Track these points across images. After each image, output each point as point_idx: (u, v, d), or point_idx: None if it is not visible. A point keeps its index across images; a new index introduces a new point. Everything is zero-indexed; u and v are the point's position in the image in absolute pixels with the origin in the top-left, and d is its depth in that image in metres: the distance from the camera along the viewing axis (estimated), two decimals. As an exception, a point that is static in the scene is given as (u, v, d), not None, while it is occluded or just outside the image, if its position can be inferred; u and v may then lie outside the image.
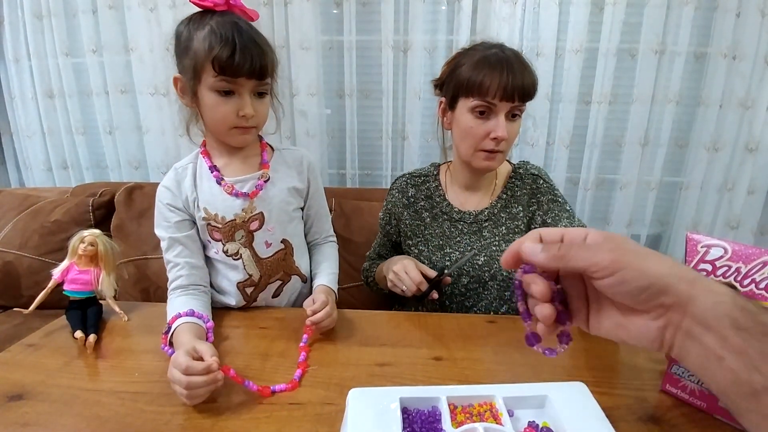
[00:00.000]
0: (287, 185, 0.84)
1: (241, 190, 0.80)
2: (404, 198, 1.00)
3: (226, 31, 0.70)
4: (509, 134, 0.83)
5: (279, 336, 0.74)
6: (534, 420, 0.49)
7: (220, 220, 0.80)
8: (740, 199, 1.63)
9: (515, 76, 0.80)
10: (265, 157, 0.84)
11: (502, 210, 0.93)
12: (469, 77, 0.82)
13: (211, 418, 0.54)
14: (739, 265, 0.50)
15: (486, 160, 0.86)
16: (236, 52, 0.69)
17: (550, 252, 0.36)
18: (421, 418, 0.49)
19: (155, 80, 1.67)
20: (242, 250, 0.81)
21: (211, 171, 0.80)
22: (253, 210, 0.80)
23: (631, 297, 0.33)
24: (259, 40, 0.74)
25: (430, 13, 1.58)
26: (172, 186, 0.81)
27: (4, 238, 1.36)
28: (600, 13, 1.52)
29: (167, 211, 0.80)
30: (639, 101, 1.58)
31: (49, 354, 0.68)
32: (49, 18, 1.67)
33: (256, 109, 0.75)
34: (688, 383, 0.55)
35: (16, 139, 1.86)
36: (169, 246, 0.80)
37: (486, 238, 0.92)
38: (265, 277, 0.84)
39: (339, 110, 1.71)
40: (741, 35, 1.49)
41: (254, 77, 0.73)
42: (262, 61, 0.72)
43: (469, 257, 0.88)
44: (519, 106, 0.83)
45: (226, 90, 0.73)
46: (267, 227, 0.82)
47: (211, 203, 0.79)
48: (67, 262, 0.75)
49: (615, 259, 0.33)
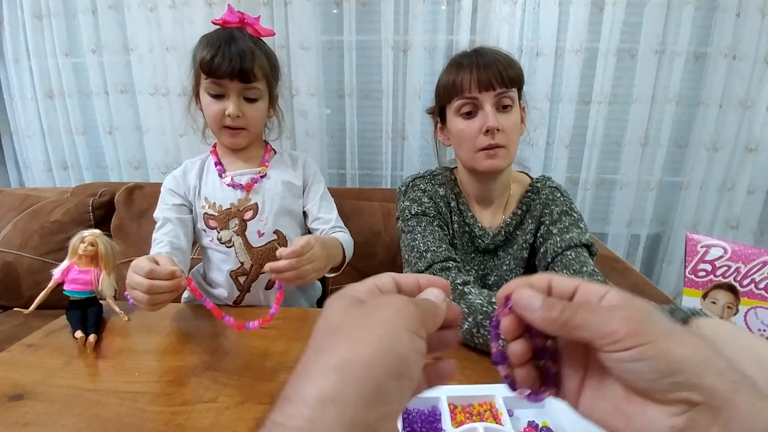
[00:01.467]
0: (282, 179, 0.91)
1: (239, 182, 0.87)
2: (437, 196, 0.88)
3: (217, 38, 0.79)
4: (504, 125, 0.77)
5: (279, 336, 0.74)
6: (534, 420, 0.50)
7: (218, 208, 0.86)
8: (740, 198, 1.63)
9: (488, 64, 0.76)
10: (266, 158, 0.93)
11: (516, 228, 0.87)
12: (445, 82, 0.81)
13: (211, 418, 0.54)
14: (739, 265, 0.50)
15: (488, 159, 0.79)
16: (218, 55, 0.77)
17: (551, 312, 0.27)
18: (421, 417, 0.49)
19: (155, 80, 1.67)
20: (234, 238, 0.87)
21: (216, 166, 0.90)
22: (248, 201, 0.87)
23: (648, 381, 0.24)
24: (250, 47, 0.80)
25: (430, 13, 1.58)
26: (178, 175, 0.90)
27: (4, 238, 1.36)
28: (600, 13, 1.52)
29: (168, 195, 0.88)
30: (639, 101, 1.58)
31: (49, 354, 0.68)
32: (49, 18, 1.67)
33: (244, 112, 0.83)
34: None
35: (16, 139, 1.86)
36: (160, 225, 0.86)
37: (499, 258, 0.88)
38: (256, 266, 0.88)
39: (339, 110, 1.71)
40: (741, 35, 1.50)
41: (238, 79, 0.79)
42: (244, 64, 0.79)
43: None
44: (504, 93, 0.77)
45: (216, 93, 0.82)
46: (260, 217, 0.87)
47: (212, 194, 0.87)
48: (67, 262, 0.75)
49: (633, 330, 0.25)
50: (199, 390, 0.59)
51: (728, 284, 0.51)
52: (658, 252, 1.82)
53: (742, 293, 0.50)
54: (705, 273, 0.53)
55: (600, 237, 1.70)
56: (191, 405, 0.56)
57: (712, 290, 0.52)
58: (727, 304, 0.51)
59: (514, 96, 0.79)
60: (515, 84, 0.79)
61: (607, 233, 1.76)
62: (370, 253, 1.33)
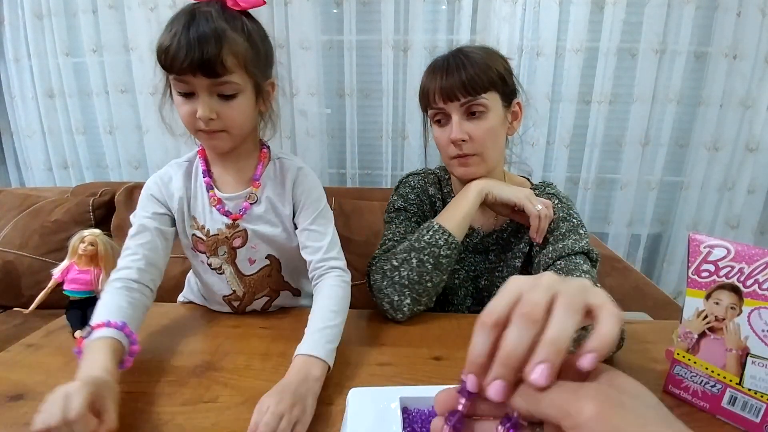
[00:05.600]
0: (272, 204, 0.77)
1: (226, 209, 0.74)
2: (424, 195, 0.90)
3: (176, 24, 0.62)
4: (473, 134, 0.75)
5: (279, 336, 0.73)
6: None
7: (206, 232, 0.75)
8: (740, 198, 1.63)
9: (451, 74, 0.74)
10: (259, 171, 0.77)
11: (512, 234, 0.86)
12: (420, 90, 0.80)
13: (211, 418, 0.54)
14: (742, 265, 0.50)
15: (460, 168, 0.79)
16: (172, 46, 0.61)
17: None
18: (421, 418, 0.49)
19: (155, 80, 1.65)
20: (225, 266, 0.77)
21: (204, 177, 0.75)
22: (237, 227, 0.75)
23: None
24: (216, 29, 0.62)
25: (430, 13, 1.58)
26: (161, 182, 0.77)
27: (4, 238, 1.36)
28: (600, 13, 1.52)
29: (150, 202, 0.75)
30: (639, 101, 1.58)
31: (49, 354, 0.68)
32: (50, 18, 1.68)
33: (220, 112, 0.66)
34: (691, 384, 0.55)
35: (16, 138, 1.86)
36: (135, 232, 0.72)
37: (491, 261, 0.87)
38: (249, 294, 0.80)
39: (339, 110, 1.71)
40: (741, 35, 1.49)
41: (201, 74, 0.62)
42: (206, 54, 0.60)
43: None
44: (471, 102, 0.74)
45: (184, 91, 0.65)
46: (251, 244, 0.76)
47: (201, 213, 0.75)
48: (67, 261, 0.75)
49: (599, 413, 0.21)
50: (199, 390, 0.58)
51: (731, 285, 0.51)
52: (659, 252, 1.82)
53: (745, 294, 0.50)
54: (708, 273, 0.52)
55: (600, 237, 1.70)
56: (191, 405, 0.56)
57: (716, 291, 0.52)
58: (731, 305, 0.51)
59: (486, 102, 0.75)
60: (489, 88, 0.75)
61: (607, 233, 1.76)
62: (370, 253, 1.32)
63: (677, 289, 1.75)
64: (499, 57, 0.79)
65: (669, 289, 1.75)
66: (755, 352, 0.50)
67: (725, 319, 0.51)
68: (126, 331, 0.60)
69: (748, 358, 0.50)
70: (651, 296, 1.18)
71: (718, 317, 0.52)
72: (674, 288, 1.76)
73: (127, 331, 0.60)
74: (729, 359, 0.52)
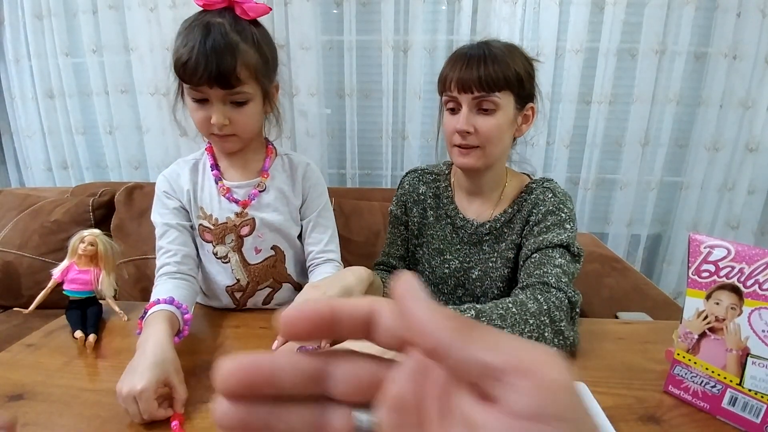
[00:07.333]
0: (280, 192, 0.82)
1: (235, 197, 0.79)
2: (414, 194, 0.95)
3: (192, 37, 0.66)
4: (480, 127, 0.77)
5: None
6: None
7: (213, 221, 0.79)
8: (740, 198, 1.63)
9: (474, 67, 0.76)
10: (267, 163, 0.82)
11: (505, 225, 0.87)
12: (440, 74, 0.82)
13: (211, 418, 0.54)
14: (743, 265, 0.50)
15: (460, 156, 0.81)
16: (191, 60, 0.65)
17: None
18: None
19: (155, 80, 1.67)
20: (231, 254, 0.80)
21: (212, 169, 0.80)
22: (245, 216, 0.79)
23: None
24: (230, 42, 0.67)
25: (430, 13, 1.58)
26: (170, 177, 0.81)
27: (4, 238, 1.36)
28: (600, 13, 1.52)
29: (165, 198, 0.80)
30: (639, 101, 1.58)
31: (49, 354, 0.68)
32: (49, 18, 1.67)
33: (232, 118, 0.71)
34: (691, 384, 0.55)
35: (16, 139, 1.86)
36: (163, 232, 0.78)
37: (485, 252, 0.89)
38: (253, 283, 0.83)
39: (339, 110, 1.71)
40: (741, 35, 1.50)
41: (217, 86, 0.68)
42: (223, 69, 0.66)
43: None
44: (484, 98, 0.76)
45: (199, 98, 0.71)
46: (257, 233, 0.80)
47: (208, 203, 0.80)
48: (67, 261, 0.75)
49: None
50: (199, 390, 0.58)
51: (732, 285, 0.51)
52: (659, 252, 1.82)
53: (745, 294, 0.50)
54: (708, 274, 0.52)
55: (600, 237, 1.70)
56: (191, 405, 0.56)
57: (716, 291, 0.52)
58: (731, 305, 0.51)
59: (497, 100, 0.76)
60: (504, 88, 0.76)
61: (607, 233, 1.76)
62: (369, 253, 1.33)
63: (677, 290, 1.75)
64: (523, 59, 0.81)
65: (669, 290, 1.75)
66: (755, 352, 0.50)
67: (725, 320, 0.51)
68: (175, 304, 0.67)
69: (748, 358, 0.50)
70: (651, 296, 1.18)
71: (718, 317, 0.52)
72: (674, 288, 1.76)
73: (176, 304, 0.67)
74: (729, 360, 0.52)
